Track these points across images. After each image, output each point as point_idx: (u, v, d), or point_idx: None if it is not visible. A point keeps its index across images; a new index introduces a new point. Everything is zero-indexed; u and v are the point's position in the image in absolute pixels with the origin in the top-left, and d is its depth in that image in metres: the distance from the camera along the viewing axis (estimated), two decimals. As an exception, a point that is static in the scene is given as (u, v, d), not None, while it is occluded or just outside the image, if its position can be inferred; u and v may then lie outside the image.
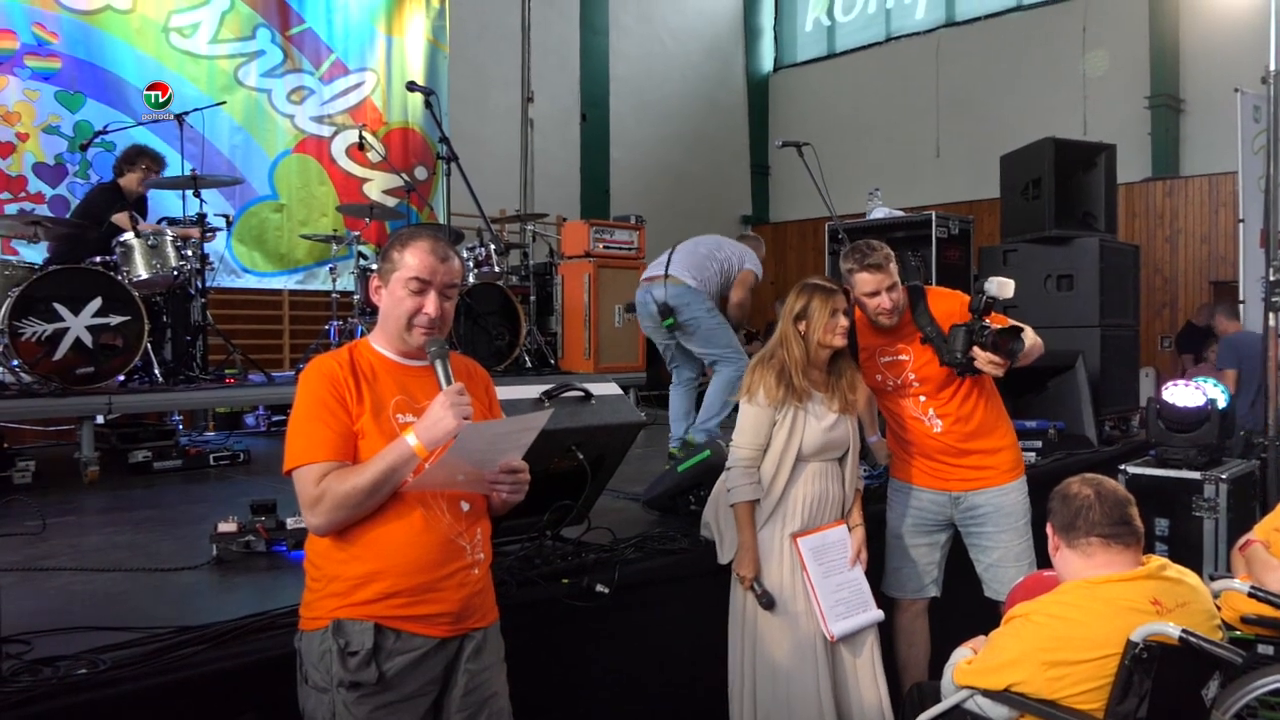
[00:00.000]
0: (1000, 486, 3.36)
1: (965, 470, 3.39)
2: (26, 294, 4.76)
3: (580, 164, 12.43)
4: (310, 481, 1.97)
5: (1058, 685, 2.10)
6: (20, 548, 3.39)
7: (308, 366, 2.11)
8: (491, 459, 2.05)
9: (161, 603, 2.72)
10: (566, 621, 2.83)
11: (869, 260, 3.22)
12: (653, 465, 4.63)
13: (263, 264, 8.55)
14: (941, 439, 3.38)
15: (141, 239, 5.49)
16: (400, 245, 2.13)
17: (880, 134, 13.29)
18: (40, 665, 2.09)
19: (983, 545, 3.41)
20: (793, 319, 3.02)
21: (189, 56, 8.09)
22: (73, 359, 4.85)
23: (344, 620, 1.99)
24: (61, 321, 4.82)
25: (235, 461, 5.33)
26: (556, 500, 2.99)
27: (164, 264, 5.55)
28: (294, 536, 3.20)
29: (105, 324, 4.95)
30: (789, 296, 3.09)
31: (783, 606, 2.96)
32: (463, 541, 2.09)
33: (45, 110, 7.27)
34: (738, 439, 3.04)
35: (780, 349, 3.04)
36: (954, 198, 11.82)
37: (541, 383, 3.13)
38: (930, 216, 6.45)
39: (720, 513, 3.17)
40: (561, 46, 12.11)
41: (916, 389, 3.38)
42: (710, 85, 14.27)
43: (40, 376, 4.79)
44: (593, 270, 7.35)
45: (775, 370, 3.01)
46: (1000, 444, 3.42)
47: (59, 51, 7.35)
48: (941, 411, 3.37)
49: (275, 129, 8.65)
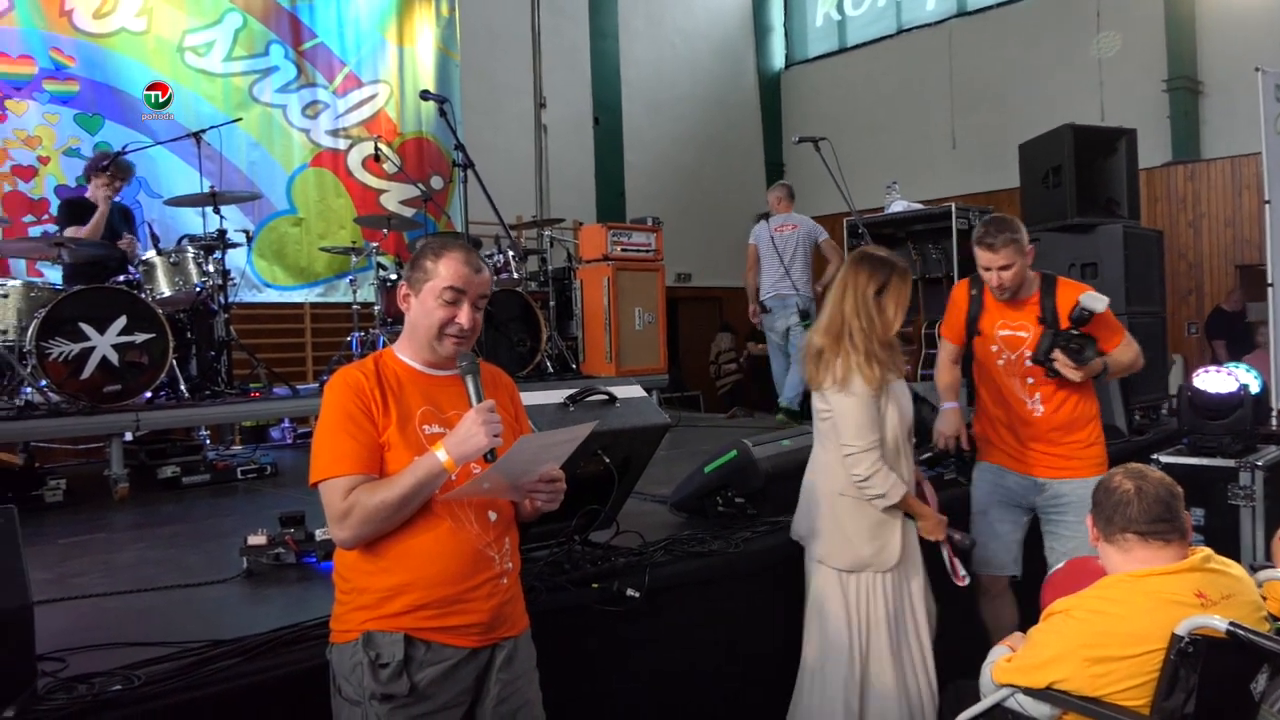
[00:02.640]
0: (1086, 479, 3.39)
1: (1054, 458, 3.47)
2: (53, 315, 4.79)
3: (594, 168, 12.43)
4: (338, 495, 1.96)
5: (1101, 682, 2.06)
6: (53, 565, 3.41)
7: (333, 378, 2.10)
8: (532, 469, 2.04)
9: (194, 617, 2.72)
10: (597, 627, 2.81)
11: (984, 238, 3.38)
12: (678, 467, 4.60)
13: (283, 278, 8.60)
14: (1039, 424, 3.46)
15: (164, 256, 5.53)
16: (433, 255, 2.11)
17: (895, 127, 13.20)
18: (75, 682, 2.09)
19: (1060, 533, 3.46)
20: (874, 294, 2.88)
21: (204, 75, 8.15)
22: (100, 377, 4.88)
23: (374, 632, 1.98)
24: (88, 341, 4.85)
25: (262, 474, 5.35)
26: (584, 505, 2.96)
27: (186, 281, 5.58)
28: (323, 548, 3.20)
29: (131, 342, 4.97)
30: (851, 271, 2.94)
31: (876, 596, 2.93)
32: (491, 551, 2.08)
33: (65, 133, 7.34)
34: (855, 439, 2.85)
35: (859, 325, 2.86)
36: (972, 189, 11.71)
37: (565, 387, 3.11)
38: (950, 208, 6.42)
39: (830, 512, 2.98)
40: (572, 51, 12.12)
41: (1028, 368, 3.46)
42: (722, 85, 14.23)
43: (69, 395, 4.82)
44: (611, 273, 7.33)
45: (861, 352, 2.86)
46: (1091, 439, 3.51)
47: (76, 75, 7.42)
48: (1046, 396, 3.46)
49: (291, 144, 8.70)
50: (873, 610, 2.92)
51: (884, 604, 2.92)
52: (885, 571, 2.93)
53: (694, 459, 4.66)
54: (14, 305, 5.16)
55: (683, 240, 11.37)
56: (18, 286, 5.26)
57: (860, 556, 2.93)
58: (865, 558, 2.93)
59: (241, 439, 7.01)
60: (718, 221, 13.25)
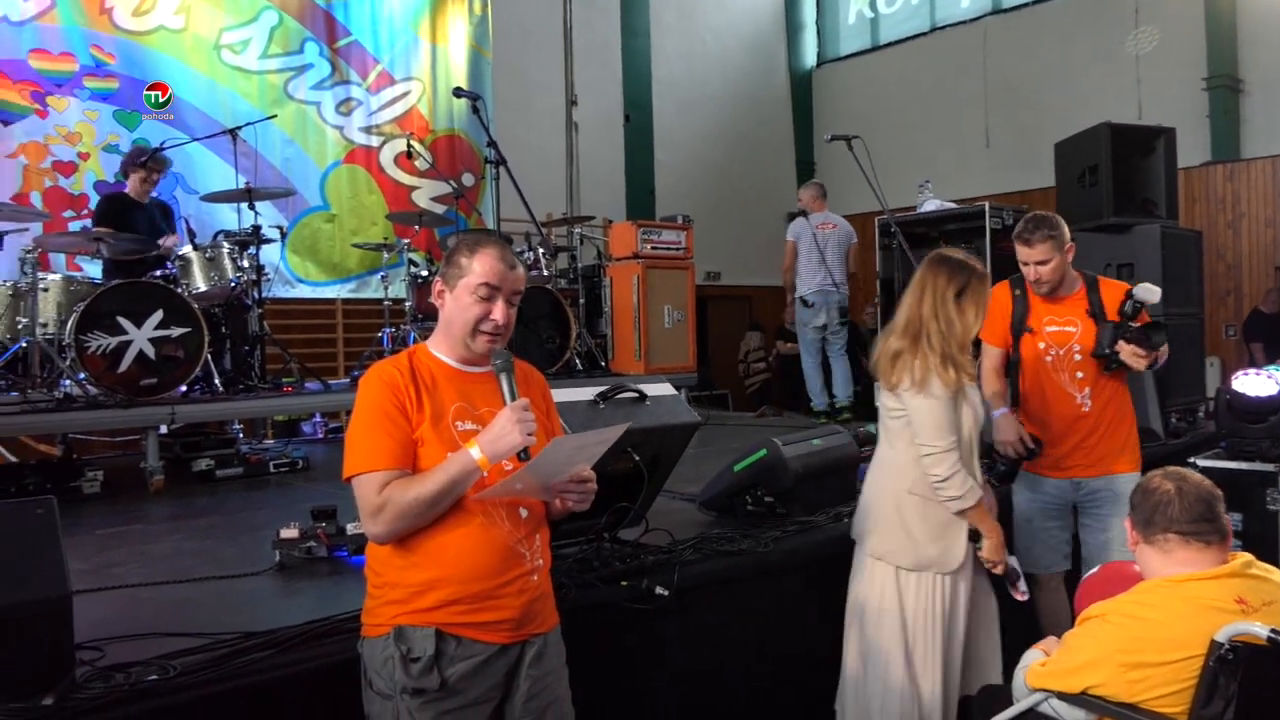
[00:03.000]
0: (1123, 474, 3.44)
1: (1095, 455, 3.48)
2: (91, 309, 4.87)
3: (625, 165, 12.42)
4: (372, 490, 1.97)
5: (1138, 688, 2.03)
6: (91, 555, 3.46)
7: (368, 373, 2.11)
8: (564, 470, 2.05)
9: (227, 609, 2.75)
10: (627, 624, 2.81)
11: (1021, 234, 3.43)
12: (707, 466, 4.59)
13: (316, 274, 8.68)
14: (1087, 420, 3.47)
15: (199, 251, 5.60)
16: (468, 251, 2.12)
17: (928, 126, 13.08)
18: (112, 671, 2.12)
19: (1096, 526, 3.48)
20: (953, 297, 2.88)
21: (240, 72, 8.25)
22: (136, 371, 4.95)
23: (405, 627, 1.99)
24: (125, 335, 4.93)
25: (294, 469, 5.41)
26: (613, 502, 2.96)
27: (221, 276, 5.65)
28: (354, 542, 3.22)
29: (167, 336, 5.04)
30: (930, 273, 2.94)
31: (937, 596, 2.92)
32: (522, 548, 2.08)
33: (105, 129, 7.45)
34: (935, 440, 2.82)
35: (937, 327, 2.86)
36: (1006, 188, 11.59)
37: (594, 385, 3.11)
38: (984, 208, 6.36)
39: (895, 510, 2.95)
40: (603, 49, 12.12)
41: (1077, 363, 3.47)
42: (753, 82, 14.18)
43: (106, 388, 4.90)
44: (641, 271, 7.33)
45: (938, 354, 2.85)
46: (1130, 435, 3.56)
47: (116, 72, 7.53)
48: (1095, 391, 3.48)
49: (325, 140, 8.77)
50: (929, 609, 2.90)
51: (940, 605, 2.90)
52: (945, 574, 2.91)
53: (722, 458, 4.65)
54: (54, 299, 5.26)
55: (712, 238, 11.33)
56: (57, 280, 5.36)
57: (924, 556, 2.90)
58: (929, 558, 2.89)
59: (274, 433, 7.09)
60: (747, 220, 13.21)
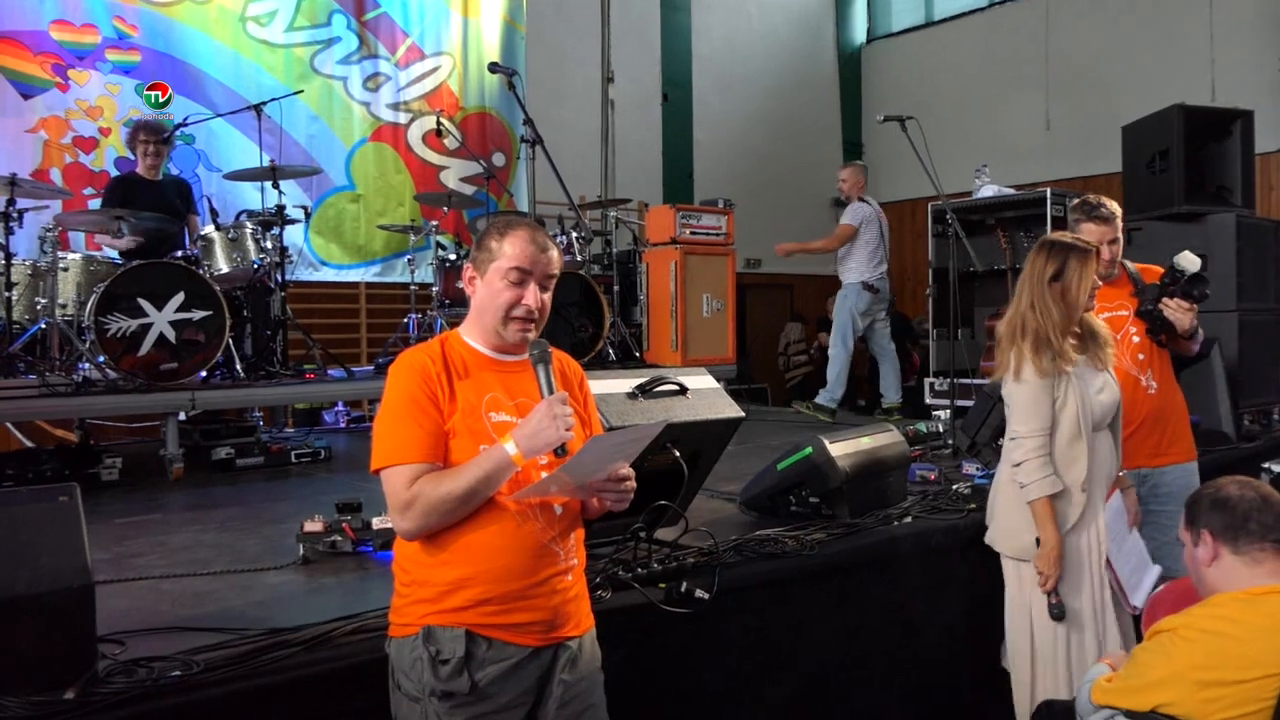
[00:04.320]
0: (1186, 464, 3.55)
1: (1159, 442, 3.54)
2: (111, 290, 4.94)
3: (662, 146, 12.37)
4: (401, 484, 1.97)
5: (1212, 707, 2.00)
6: (110, 545, 3.51)
7: (397, 361, 2.11)
8: (602, 469, 2.04)
9: (250, 603, 2.78)
10: (664, 629, 2.80)
11: (1097, 212, 3.50)
12: (747, 463, 4.58)
13: (340, 256, 8.72)
14: (1153, 403, 3.54)
15: (222, 232, 5.65)
16: (499, 233, 2.12)
17: (984, 107, 12.91)
18: (135, 666, 2.14)
19: (1161, 523, 3.51)
20: (1049, 280, 2.98)
21: (265, 45, 8.29)
22: (156, 355, 5.02)
23: (435, 627, 1.99)
24: (145, 317, 4.99)
25: (316, 459, 5.47)
26: (651, 500, 2.95)
27: (244, 258, 5.70)
28: (380, 537, 3.24)
29: (188, 319, 5.10)
30: (1031, 259, 3.07)
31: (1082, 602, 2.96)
32: (556, 547, 2.08)
33: (126, 104, 7.52)
34: (1020, 426, 2.98)
35: (1033, 314, 2.97)
36: (1067, 174, 11.42)
37: (630, 376, 3.11)
38: (1044, 194, 6.30)
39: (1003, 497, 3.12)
40: (642, 24, 12.07)
41: (1136, 345, 3.57)
42: (799, 60, 14.05)
43: (125, 373, 4.96)
44: (679, 258, 7.31)
45: (1031, 340, 2.96)
46: (1185, 418, 3.64)
47: (139, 45, 7.60)
48: (1157, 372, 3.57)
49: (351, 117, 8.81)
50: (1037, 600, 2.99)
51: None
52: None
53: (762, 454, 4.65)
54: (73, 279, 5.33)
55: (753, 224, 11.24)
56: (77, 260, 5.43)
57: (1024, 544, 3.01)
58: (1027, 545, 3.00)
59: (294, 422, 7.16)
60: (790, 205, 13.11)
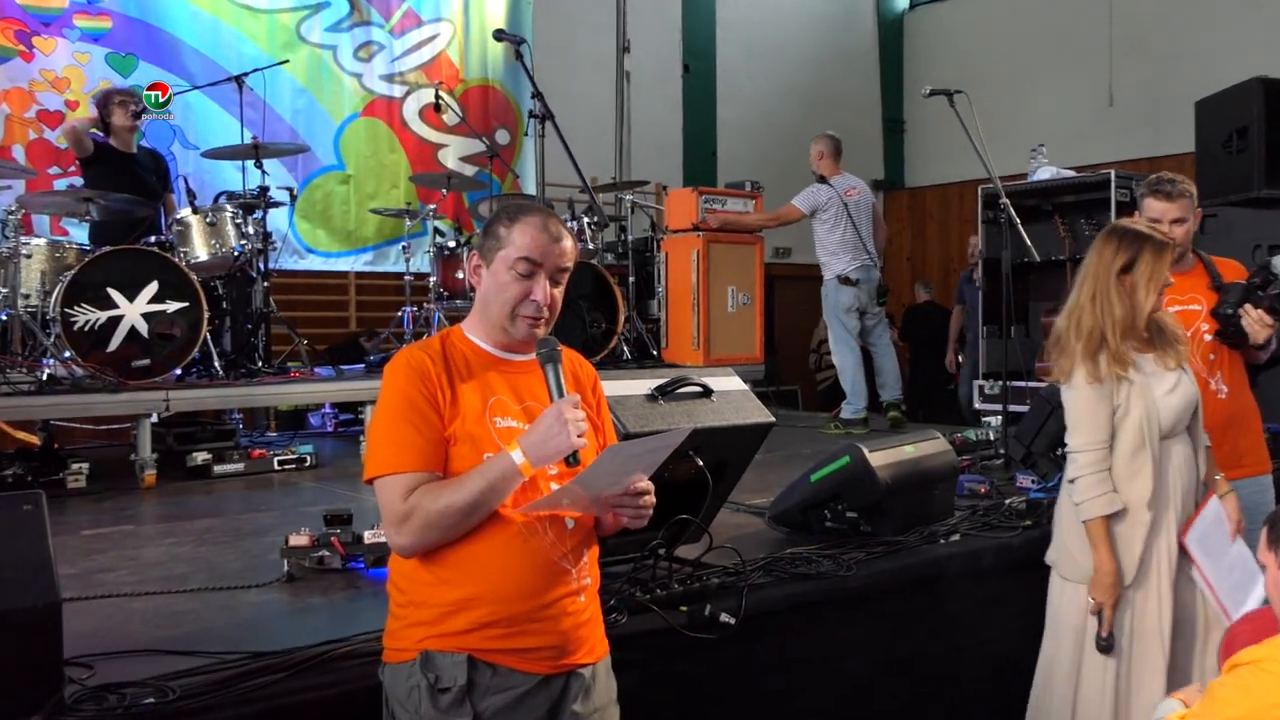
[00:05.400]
0: (1259, 478, 3.51)
1: (1230, 450, 3.45)
2: (78, 279, 4.97)
3: (683, 123, 12.37)
4: (397, 495, 1.97)
5: (1297, 748, 1.97)
6: (77, 559, 3.53)
7: (394, 359, 2.11)
8: (618, 481, 2.04)
9: (231, 624, 2.79)
10: (686, 657, 2.80)
11: (1159, 186, 3.47)
12: (777, 474, 4.57)
13: (327, 243, 8.76)
14: (1223, 409, 3.47)
15: (199, 215, 5.67)
16: (507, 220, 2.12)
17: (1041, 80, 12.85)
18: (105, 692, 2.15)
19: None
20: (1116, 273, 2.88)
21: (247, 11, 8.33)
22: (127, 350, 5.05)
23: (433, 652, 1.99)
24: (116, 309, 5.02)
25: (301, 466, 5.48)
26: (672, 514, 2.94)
27: (224, 244, 5.73)
28: (373, 552, 3.25)
29: (162, 311, 5.13)
30: (1097, 246, 2.96)
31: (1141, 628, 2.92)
32: (567, 564, 2.08)
33: (96, 75, 7.57)
34: (1074, 440, 2.91)
35: (1091, 308, 2.88)
36: (1132, 154, 11.34)
37: (647, 377, 3.11)
38: (1108, 176, 6.27)
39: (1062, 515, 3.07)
40: (661, -13, 12.07)
41: (1208, 344, 3.50)
42: (834, 28, 14.02)
43: (93, 369, 4.99)
44: (702, 246, 7.31)
45: (1085, 339, 2.87)
46: (1258, 426, 3.61)
47: (109, 9, 7.65)
48: (1227, 375, 3.50)
49: (341, 90, 8.84)
50: (1089, 628, 2.93)
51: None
52: None
53: (792, 464, 4.64)
54: (37, 267, 5.36)
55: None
56: (41, 246, 5.46)
57: (1080, 568, 2.95)
58: (1085, 569, 2.93)
59: (276, 425, 7.19)
60: (824, 188, 13.07)
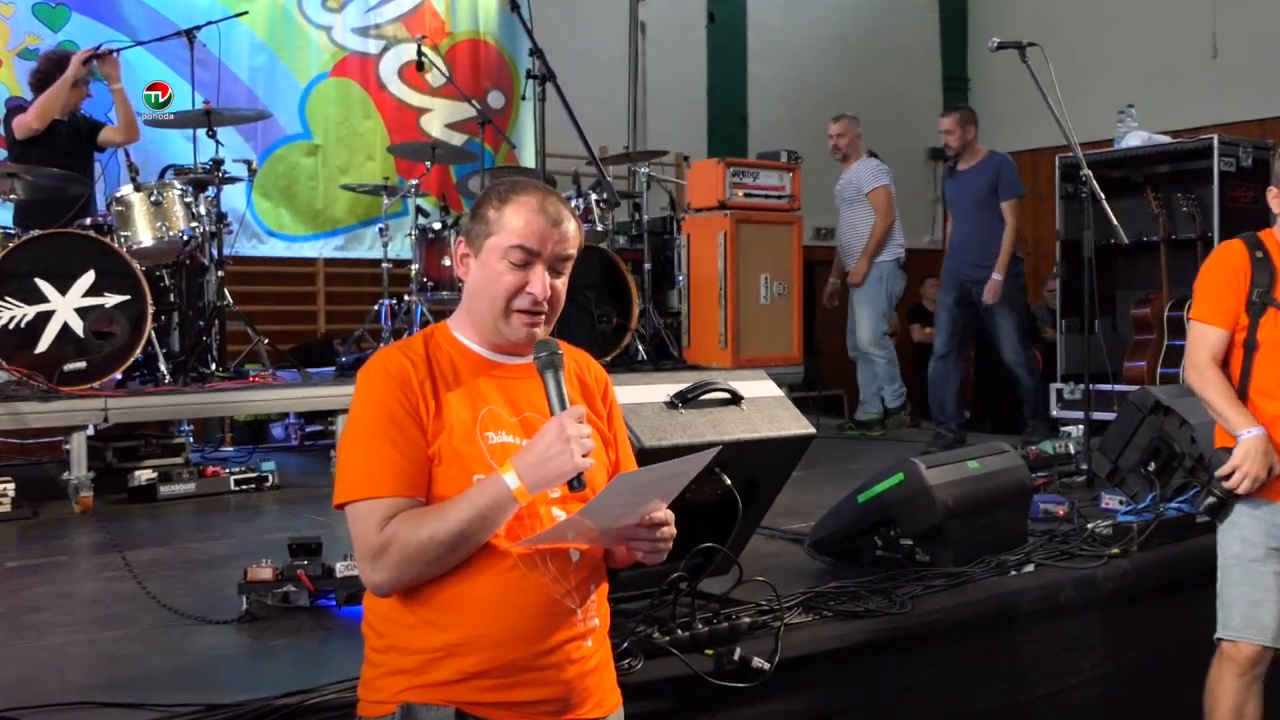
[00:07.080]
0: None
1: None
2: (1, 268, 4.99)
3: (707, 84, 12.37)
4: (372, 524, 1.97)
5: None
6: (1, 596, 3.55)
7: (370, 363, 2.11)
8: (632, 511, 2.04)
9: (182, 671, 2.81)
10: (712, 708, 2.81)
11: None
12: (816, 494, 4.58)
13: (292, 225, 8.78)
14: None
15: (143, 193, 5.68)
16: (498, 200, 2.12)
17: (1130, 30, 12.80)
18: (33, 753, 2.18)
19: None
20: None
21: (198, -47, 8.36)
22: (59, 351, 5.07)
23: (416, 705, 2.00)
24: (45, 303, 5.05)
25: (261, 486, 5.52)
26: (695, 542, 2.95)
27: (171, 226, 5.75)
28: (345, 588, 3.27)
29: (99, 305, 5.16)
30: None
31: None
32: (572, 603, 2.08)
33: (21, 29, 7.61)
34: None
35: None
36: (1238, 116, 11.30)
37: (666, 381, 3.12)
38: (1211, 142, 6.25)
39: None
40: (681, -78, 12.09)
41: None
42: (885, -31, 14.05)
43: (19, 374, 5.01)
44: (730, 227, 7.31)
45: None
46: None
47: (36, -48, 7.70)
48: None
49: (308, 46, 8.86)
50: None
51: None
52: None
53: (838, 483, 4.65)
54: (-47, 255, 5.39)
55: (824, 184, 11.21)
56: (-42, 231, 5.49)
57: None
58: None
59: (233, 437, 7.22)
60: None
